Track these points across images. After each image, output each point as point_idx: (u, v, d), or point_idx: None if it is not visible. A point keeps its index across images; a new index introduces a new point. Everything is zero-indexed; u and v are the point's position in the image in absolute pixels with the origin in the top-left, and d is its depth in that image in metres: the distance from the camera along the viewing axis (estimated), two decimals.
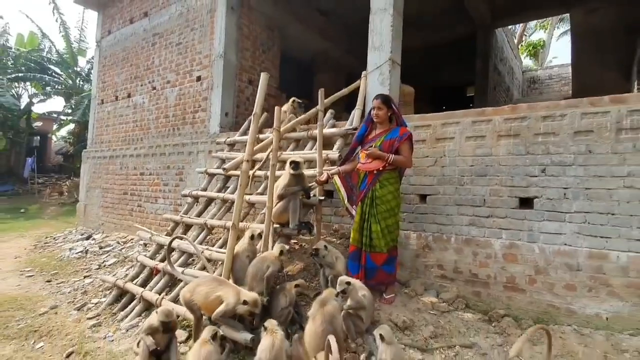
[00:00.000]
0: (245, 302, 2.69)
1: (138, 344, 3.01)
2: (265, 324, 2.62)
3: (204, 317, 2.99)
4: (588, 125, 3.14)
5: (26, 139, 19.83)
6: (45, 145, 24.20)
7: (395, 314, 3.21)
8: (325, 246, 3.40)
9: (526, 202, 3.39)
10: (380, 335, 2.49)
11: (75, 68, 18.79)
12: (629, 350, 2.68)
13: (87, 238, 7.59)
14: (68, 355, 3.18)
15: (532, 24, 16.64)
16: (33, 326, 3.85)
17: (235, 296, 2.75)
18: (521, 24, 15.62)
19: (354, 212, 3.65)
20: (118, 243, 6.72)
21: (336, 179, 3.78)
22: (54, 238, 8.33)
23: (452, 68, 10.01)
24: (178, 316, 3.12)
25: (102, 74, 8.75)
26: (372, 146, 3.46)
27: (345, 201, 3.83)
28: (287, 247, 3.21)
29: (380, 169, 3.39)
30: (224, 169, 4.60)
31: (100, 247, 6.62)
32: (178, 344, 2.93)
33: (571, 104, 3.27)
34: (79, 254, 6.49)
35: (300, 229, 3.64)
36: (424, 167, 3.94)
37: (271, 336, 2.53)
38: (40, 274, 5.74)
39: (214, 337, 2.47)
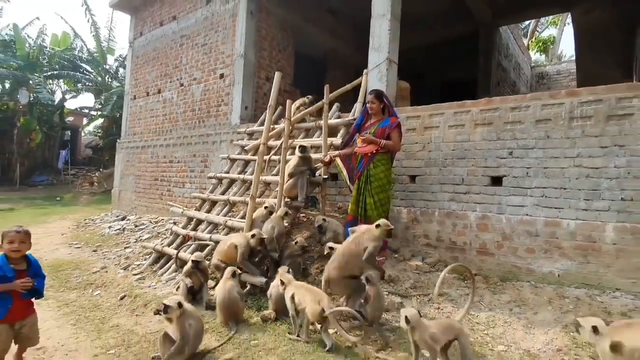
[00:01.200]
0: (253, 236, 3.51)
1: (177, 288, 3.81)
2: (279, 269, 3.36)
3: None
4: (547, 114, 3.73)
5: (59, 133, 21.20)
6: (75, 139, 25.67)
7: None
8: (324, 219, 4.10)
9: (496, 180, 4.01)
10: (366, 277, 3.20)
11: (104, 66, 20.01)
12: (570, 297, 3.30)
13: (122, 219, 8.53)
14: (122, 298, 4.00)
15: (544, 20, 16.79)
16: (89, 280, 4.72)
17: (243, 237, 3.54)
18: (533, 21, 15.84)
19: (352, 190, 4.35)
20: (150, 222, 7.61)
21: (338, 161, 4.46)
22: (92, 219, 9.32)
23: (458, 65, 10.45)
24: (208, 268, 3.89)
25: (135, 72, 9.66)
26: (367, 133, 4.14)
27: (348, 181, 4.52)
28: (289, 210, 3.95)
29: (374, 151, 4.06)
30: (245, 150, 5.37)
31: (136, 226, 7.52)
32: (208, 289, 3.71)
33: (535, 97, 3.86)
34: (117, 231, 7.40)
35: (307, 202, 4.36)
36: (414, 152, 4.59)
37: (280, 277, 3.27)
38: (87, 246, 6.66)
39: (233, 275, 3.21)
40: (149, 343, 2.95)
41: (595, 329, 1.99)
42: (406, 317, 2.30)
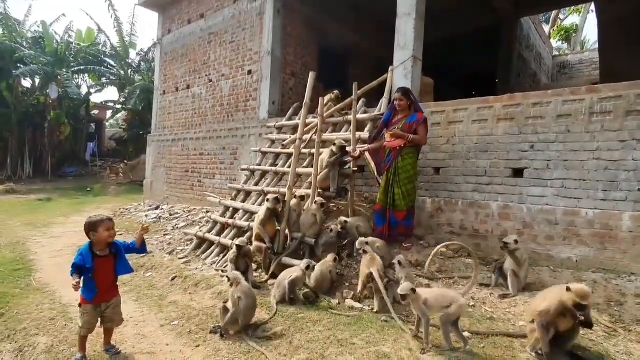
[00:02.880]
0: (267, 200, 4.25)
1: (222, 271, 4.23)
2: (328, 256, 3.74)
3: (269, 251, 4.16)
4: (568, 110, 3.95)
5: (85, 126, 22.02)
6: (100, 132, 26.56)
7: (410, 255, 4.23)
8: (345, 221, 4.36)
9: (518, 172, 4.27)
10: (398, 261, 3.53)
11: (127, 60, 20.60)
12: (587, 280, 3.56)
13: (156, 208, 9.04)
14: (173, 279, 4.44)
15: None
16: (139, 263, 5.17)
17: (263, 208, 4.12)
18: None
19: (381, 181, 4.66)
20: (184, 212, 8.08)
21: (367, 155, 4.78)
22: (127, 209, 9.88)
23: (481, 56, 10.48)
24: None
25: (164, 68, 10.09)
26: (396, 128, 4.44)
27: (375, 173, 4.84)
28: (323, 200, 4.30)
29: (402, 145, 4.37)
30: (282, 145, 5.74)
31: (170, 215, 8.01)
32: (253, 270, 4.11)
33: (556, 93, 4.08)
34: (154, 219, 7.91)
35: (338, 193, 4.71)
36: (438, 145, 4.86)
37: (322, 263, 3.65)
38: (128, 233, 7.17)
39: (307, 267, 3.56)
40: (207, 316, 3.36)
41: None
42: (400, 292, 2.65)
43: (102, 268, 2.74)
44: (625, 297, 3.26)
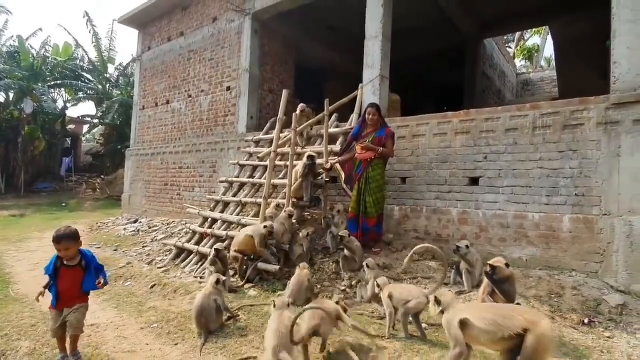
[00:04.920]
0: (265, 227, 4.20)
1: (201, 277, 4.42)
2: (300, 265, 3.96)
3: (245, 259, 4.38)
4: (515, 124, 4.41)
5: (61, 141, 21.66)
6: (75, 146, 26.11)
7: (378, 259, 4.54)
8: (338, 210, 4.76)
9: (474, 181, 4.68)
10: (366, 264, 3.83)
11: (105, 75, 20.56)
12: (533, 277, 3.96)
13: (135, 222, 9.09)
14: (152, 286, 4.59)
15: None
16: (118, 274, 5.29)
17: (257, 229, 4.16)
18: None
19: (348, 191, 5.03)
20: (163, 224, 8.19)
21: (337, 166, 5.13)
22: (104, 223, 9.85)
23: (449, 72, 11.10)
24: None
25: (143, 83, 10.27)
26: (366, 141, 4.80)
27: (342, 181, 5.18)
28: (295, 209, 4.58)
29: (372, 157, 4.73)
30: (258, 158, 6.01)
31: (149, 227, 8.10)
32: (230, 275, 4.32)
33: (505, 109, 4.55)
34: (132, 232, 7.98)
35: (311, 202, 5.01)
36: (404, 157, 5.25)
37: (299, 271, 3.89)
38: (106, 246, 7.23)
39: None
40: (186, 318, 3.54)
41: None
42: (376, 281, 3.06)
43: (66, 276, 2.79)
44: (564, 289, 3.65)
